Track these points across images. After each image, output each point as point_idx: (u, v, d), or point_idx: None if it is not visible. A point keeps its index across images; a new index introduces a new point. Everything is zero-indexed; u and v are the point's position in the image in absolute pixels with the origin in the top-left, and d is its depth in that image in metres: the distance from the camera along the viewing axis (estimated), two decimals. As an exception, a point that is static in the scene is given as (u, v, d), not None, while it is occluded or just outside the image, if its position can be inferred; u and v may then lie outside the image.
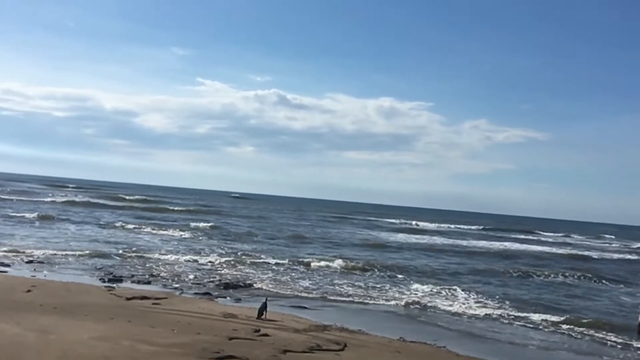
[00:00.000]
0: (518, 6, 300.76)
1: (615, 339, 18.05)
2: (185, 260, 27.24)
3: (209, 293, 19.83)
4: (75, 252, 26.44)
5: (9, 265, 21.67)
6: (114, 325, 12.69)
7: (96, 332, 11.60)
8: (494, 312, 20.63)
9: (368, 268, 29.38)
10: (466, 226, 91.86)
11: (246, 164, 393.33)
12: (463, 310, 20.74)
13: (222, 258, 28.75)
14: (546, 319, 19.95)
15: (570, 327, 19.21)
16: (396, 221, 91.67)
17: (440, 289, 24.66)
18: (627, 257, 55.02)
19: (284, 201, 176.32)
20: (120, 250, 28.44)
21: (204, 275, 23.66)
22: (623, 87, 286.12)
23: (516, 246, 57.10)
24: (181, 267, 25.26)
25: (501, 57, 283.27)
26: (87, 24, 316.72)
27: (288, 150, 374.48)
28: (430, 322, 18.60)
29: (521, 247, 56.02)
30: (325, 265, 29.03)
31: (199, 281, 22.27)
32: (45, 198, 68.62)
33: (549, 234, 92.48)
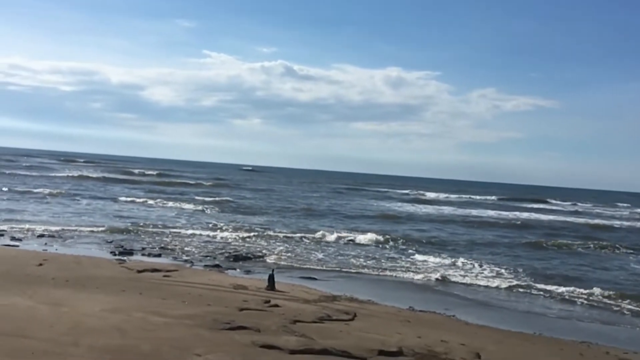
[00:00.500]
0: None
1: (631, 307, 17.98)
2: (196, 233, 27.32)
3: (219, 265, 19.94)
4: (86, 226, 26.63)
5: (20, 240, 21.87)
6: (125, 297, 12.77)
7: (108, 305, 11.67)
8: (508, 282, 20.49)
9: (381, 240, 29.17)
10: (477, 196, 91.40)
11: (253, 136, 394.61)
12: (476, 280, 20.64)
13: (233, 231, 28.80)
14: (562, 289, 19.72)
15: (586, 296, 19.01)
16: (407, 192, 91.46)
17: (453, 260, 24.49)
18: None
19: (293, 173, 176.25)
20: (131, 224, 28.61)
21: (214, 248, 23.78)
22: (634, 53, 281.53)
23: (529, 216, 56.69)
24: (192, 240, 25.38)
25: (509, 24, 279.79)
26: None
27: (295, 122, 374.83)
28: (441, 292, 18.62)
29: (534, 217, 55.64)
30: (337, 238, 28.94)
31: (209, 253, 22.39)
32: (57, 173, 69.09)
33: (562, 202, 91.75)
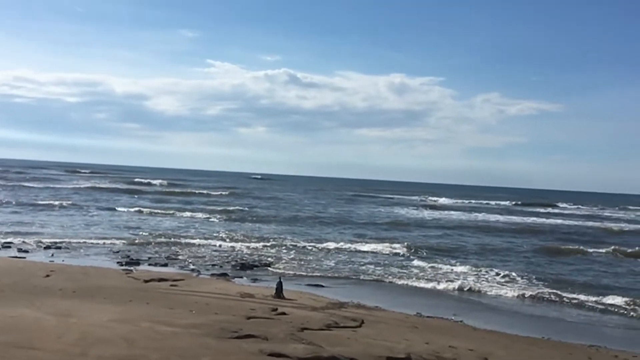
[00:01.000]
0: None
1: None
2: (204, 242, 27.31)
3: (225, 274, 19.93)
4: (94, 237, 26.70)
5: (27, 251, 21.96)
6: (132, 307, 12.78)
7: (115, 315, 11.67)
8: (520, 289, 20.04)
9: (391, 247, 28.60)
10: (485, 201, 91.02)
11: (258, 144, 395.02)
12: (488, 287, 20.20)
13: (241, 240, 28.68)
14: (573, 295, 19.32)
15: (596, 300, 18.72)
16: (415, 198, 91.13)
17: (465, 267, 23.89)
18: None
19: (300, 181, 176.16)
20: (138, 234, 28.66)
21: (221, 257, 23.77)
22: (636, 56, 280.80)
23: (540, 220, 56.05)
24: (199, 249, 25.39)
25: (512, 28, 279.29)
26: (96, 8, 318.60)
27: (300, 130, 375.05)
28: (449, 297, 18.55)
29: (546, 222, 54.96)
30: (346, 246, 28.54)
31: (216, 262, 22.40)
32: (64, 184, 69.39)
33: (570, 206, 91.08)
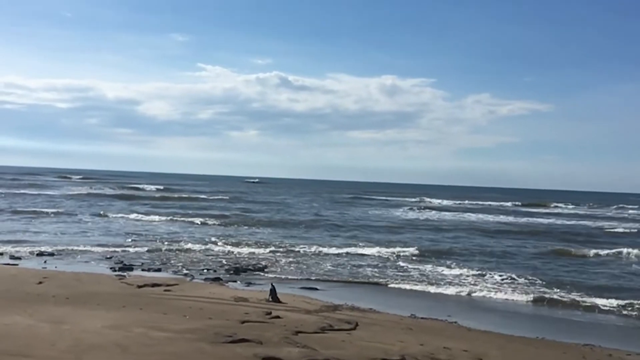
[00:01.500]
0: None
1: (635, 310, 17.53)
2: (198, 247, 27.14)
3: (219, 278, 19.89)
4: (87, 243, 26.58)
5: (19, 258, 21.87)
6: (126, 313, 12.76)
7: (109, 321, 11.65)
8: (517, 290, 19.88)
9: (388, 250, 28.23)
10: (482, 202, 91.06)
11: (250, 147, 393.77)
12: (484, 288, 19.98)
13: (237, 245, 28.51)
14: (573, 296, 19.05)
15: (593, 300, 18.50)
16: (411, 199, 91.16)
17: (463, 269, 23.49)
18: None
19: (293, 184, 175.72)
20: (132, 240, 28.57)
21: (215, 261, 23.72)
22: (626, 54, 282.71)
23: (539, 221, 55.87)
24: (194, 254, 25.29)
25: (501, 29, 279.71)
26: (84, 13, 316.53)
27: (292, 133, 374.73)
28: (443, 298, 18.57)
29: (544, 222, 54.79)
30: (341, 249, 28.21)
31: (210, 267, 22.35)
32: (56, 191, 69.11)
33: (569, 206, 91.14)
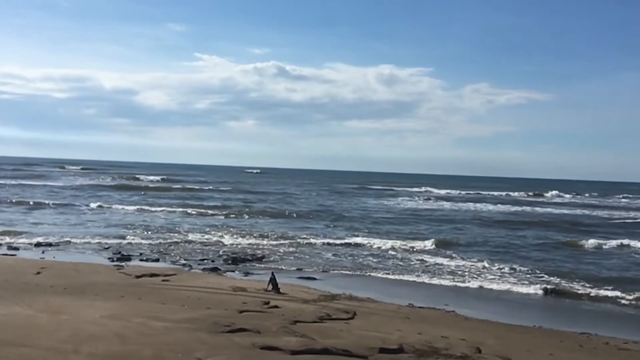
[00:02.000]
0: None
1: (631, 297, 17.54)
2: (197, 237, 27.10)
3: (217, 268, 19.92)
4: (86, 234, 26.58)
5: (17, 249, 21.88)
6: (124, 303, 12.78)
7: (107, 311, 11.66)
8: (516, 280, 19.79)
9: (393, 241, 27.68)
10: (484, 192, 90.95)
11: (248, 137, 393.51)
12: (484, 278, 19.88)
13: (235, 235, 28.37)
14: (572, 286, 18.95)
15: (591, 288, 18.57)
16: (412, 189, 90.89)
17: (464, 260, 23.32)
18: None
19: (292, 174, 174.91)
20: (131, 230, 28.56)
21: (213, 251, 23.74)
22: (625, 44, 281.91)
23: (542, 210, 55.58)
24: (192, 244, 25.25)
25: (500, 18, 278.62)
26: (81, 3, 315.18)
27: (290, 122, 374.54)
28: (441, 288, 18.59)
29: (549, 211, 54.43)
30: (342, 242, 27.49)
31: (208, 257, 22.37)
32: (55, 182, 68.93)
33: (566, 195, 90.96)
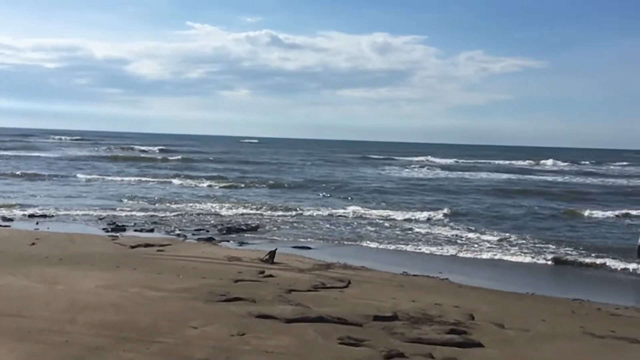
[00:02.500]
0: None
1: (621, 264, 17.61)
2: (192, 208, 27.02)
3: (212, 238, 19.96)
4: (81, 205, 26.52)
5: (11, 220, 21.82)
6: (120, 273, 12.84)
7: (103, 281, 11.73)
8: (512, 248, 19.65)
9: (390, 213, 26.90)
10: (482, 160, 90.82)
11: (242, 107, 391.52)
12: (478, 247, 19.83)
13: (230, 205, 28.23)
14: (567, 253, 18.98)
15: (580, 255, 18.60)
16: (413, 158, 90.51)
17: (459, 230, 23.09)
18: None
19: (289, 143, 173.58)
20: (126, 201, 28.48)
21: (209, 222, 23.74)
22: (620, 8, 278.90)
23: (538, 178, 55.63)
24: (187, 215, 25.18)
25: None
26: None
27: (283, 92, 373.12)
28: (434, 256, 18.70)
29: (549, 180, 54.38)
30: (340, 212, 26.81)
31: (203, 227, 22.40)
32: (48, 153, 68.58)
33: (562, 163, 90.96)
